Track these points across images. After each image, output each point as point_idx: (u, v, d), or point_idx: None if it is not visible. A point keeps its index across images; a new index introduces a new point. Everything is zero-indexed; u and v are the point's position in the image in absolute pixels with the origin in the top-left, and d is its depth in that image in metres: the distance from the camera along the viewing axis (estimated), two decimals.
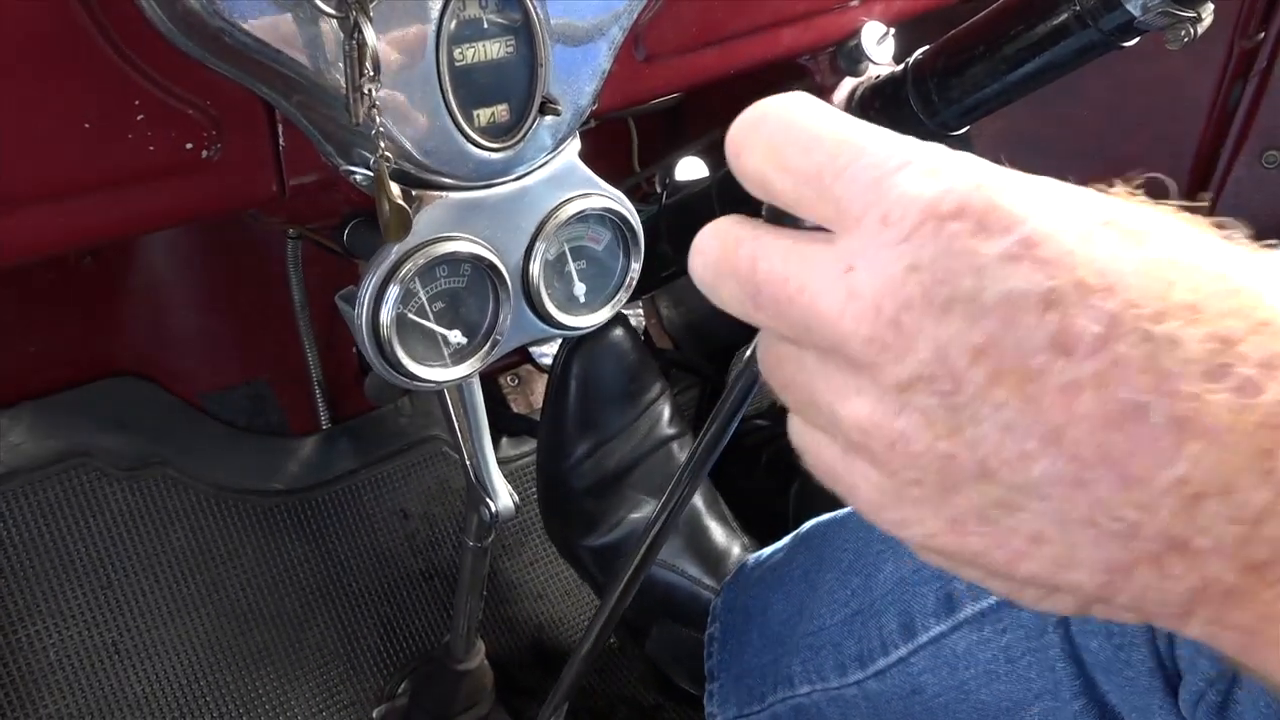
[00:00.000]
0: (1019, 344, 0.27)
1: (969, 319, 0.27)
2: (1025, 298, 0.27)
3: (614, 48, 0.60)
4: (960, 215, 0.28)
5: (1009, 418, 0.28)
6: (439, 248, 0.56)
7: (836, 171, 0.30)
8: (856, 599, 0.76)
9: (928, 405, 0.28)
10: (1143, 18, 0.62)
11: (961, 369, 0.28)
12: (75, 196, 0.50)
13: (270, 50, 0.48)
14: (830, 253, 0.30)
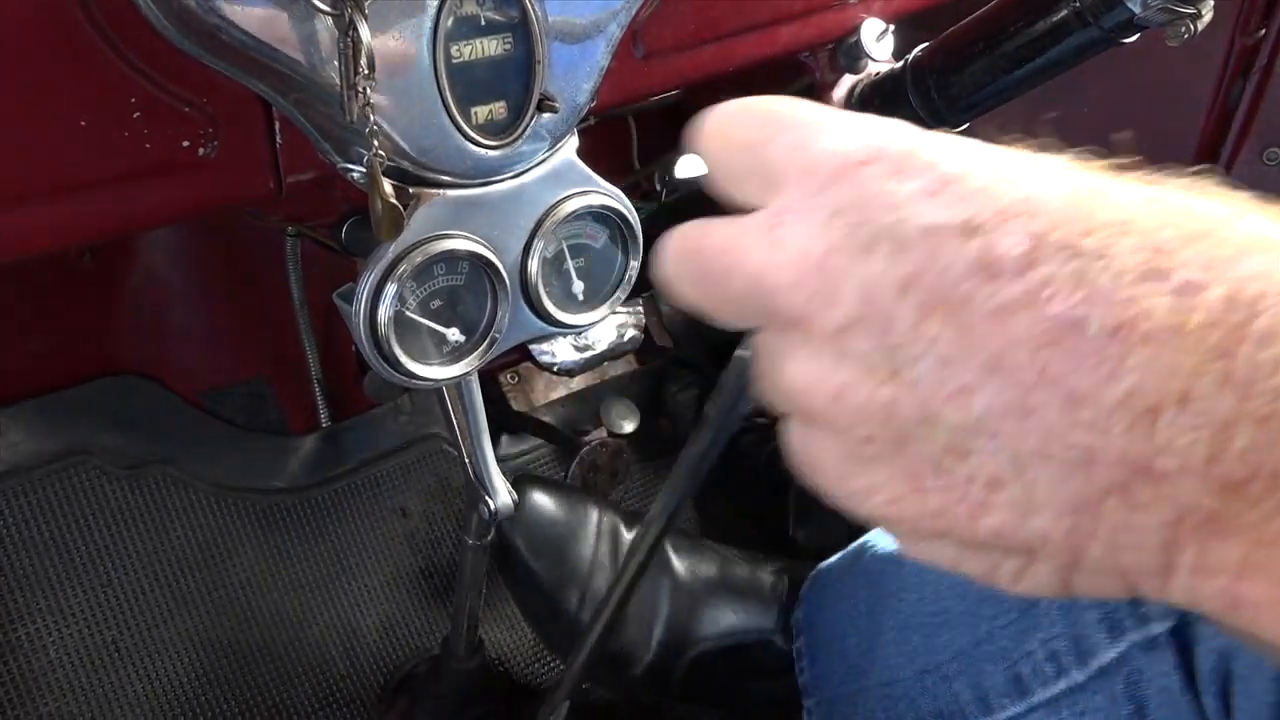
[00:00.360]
0: (944, 272, 0.27)
1: (892, 254, 0.27)
2: (946, 227, 0.27)
3: (612, 45, 0.60)
4: (877, 159, 0.28)
5: (944, 351, 0.27)
6: (436, 245, 0.56)
7: (765, 139, 0.31)
8: (921, 658, 0.74)
9: (864, 351, 0.28)
10: (1143, 14, 0.62)
11: (890, 306, 0.27)
12: (72, 194, 0.50)
13: (266, 47, 0.48)
14: (761, 215, 0.31)
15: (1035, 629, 0.65)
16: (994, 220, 0.27)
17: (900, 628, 0.77)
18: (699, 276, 0.32)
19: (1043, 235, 0.26)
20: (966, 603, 0.71)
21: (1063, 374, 0.26)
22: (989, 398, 0.27)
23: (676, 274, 0.34)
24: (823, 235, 0.28)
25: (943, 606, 0.73)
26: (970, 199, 0.27)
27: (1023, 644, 0.66)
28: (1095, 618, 0.61)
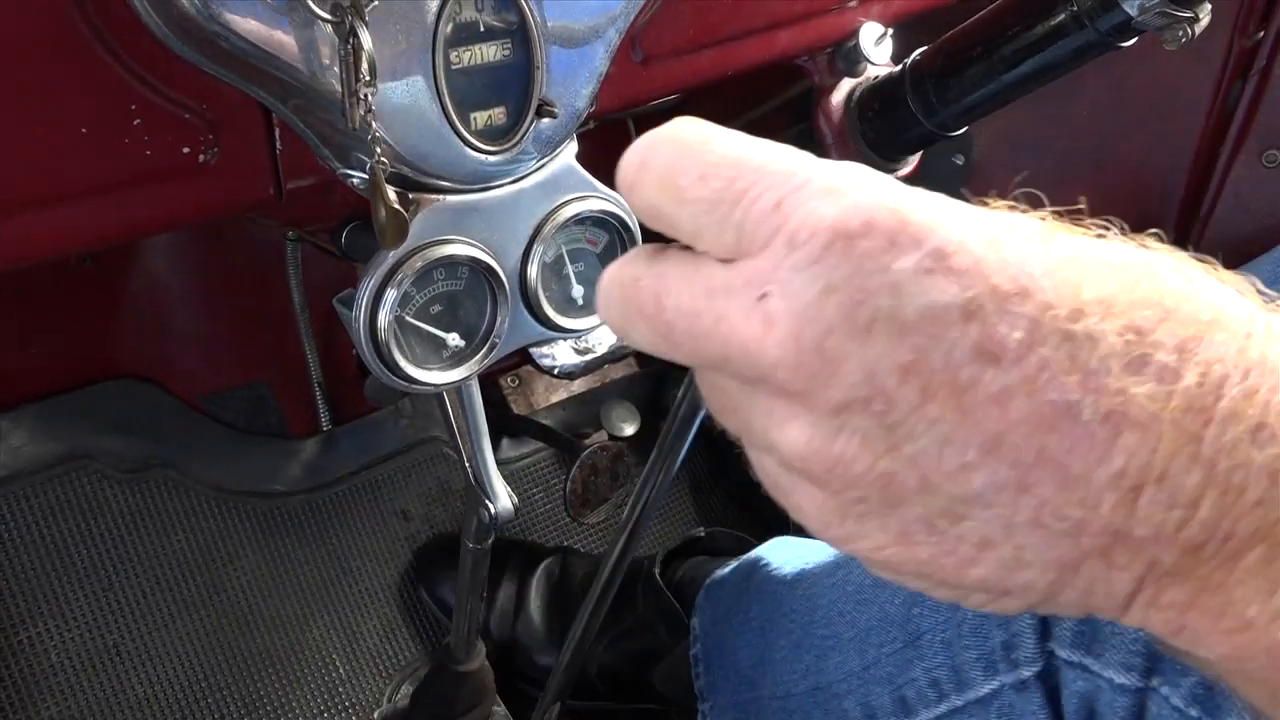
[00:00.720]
0: (946, 357, 0.27)
1: (893, 337, 0.28)
2: (946, 311, 0.27)
3: (611, 50, 0.60)
4: (869, 232, 0.28)
5: (945, 431, 0.28)
6: (436, 251, 0.56)
7: (735, 198, 0.29)
8: (813, 675, 0.78)
9: (863, 426, 0.28)
10: (1140, 18, 0.62)
11: (892, 388, 0.28)
12: (72, 201, 0.50)
13: (265, 54, 0.48)
14: (738, 280, 0.29)
15: (919, 659, 0.68)
16: (992, 303, 0.27)
17: (793, 646, 0.80)
18: (661, 337, 0.32)
19: (1038, 319, 0.27)
20: (856, 629, 0.74)
21: (1059, 455, 0.27)
22: (988, 475, 0.28)
23: (625, 329, 0.33)
24: (818, 314, 0.28)
25: (834, 631, 0.76)
26: (966, 276, 0.27)
27: (907, 671, 0.69)
28: (973, 657, 0.65)
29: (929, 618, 0.66)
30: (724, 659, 0.88)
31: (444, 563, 1.12)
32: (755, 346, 0.29)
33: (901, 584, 0.32)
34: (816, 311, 0.28)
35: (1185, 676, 0.51)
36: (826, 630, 0.77)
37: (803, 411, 0.29)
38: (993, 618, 0.61)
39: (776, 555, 0.88)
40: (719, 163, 0.30)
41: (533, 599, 1.10)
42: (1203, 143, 1.02)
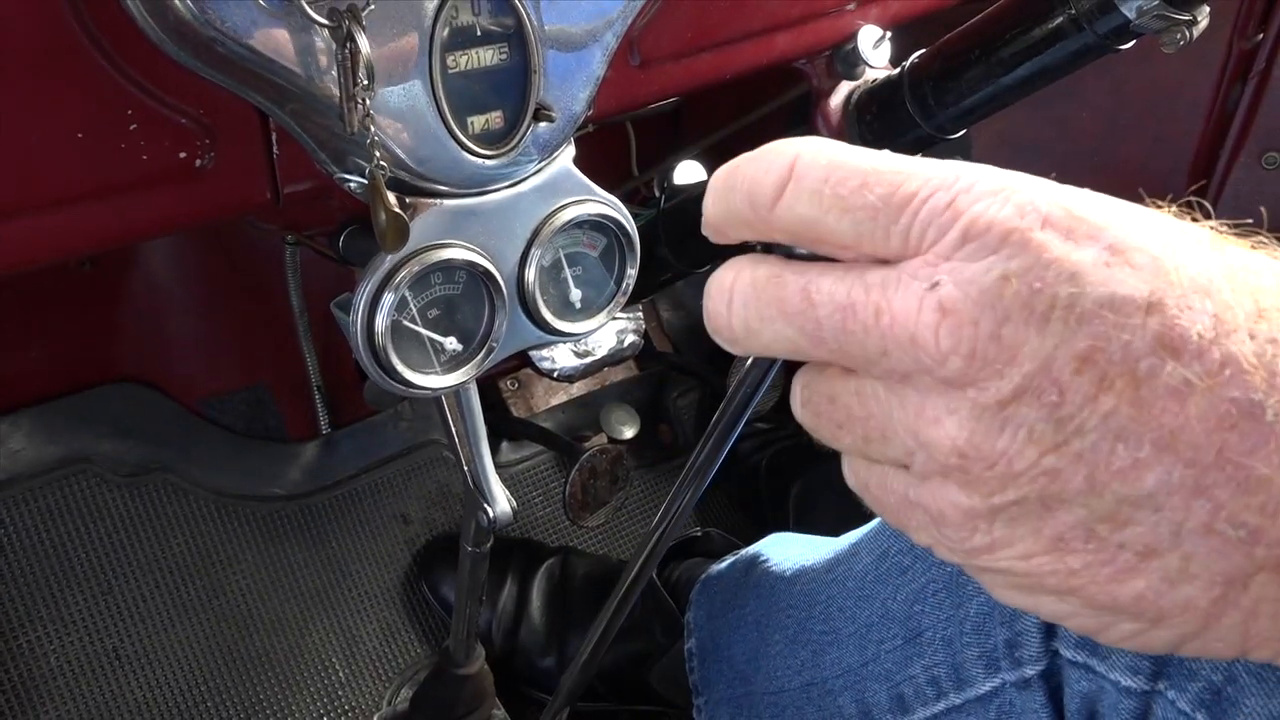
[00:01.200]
0: (1125, 348, 0.27)
1: (1071, 326, 0.27)
2: (1127, 301, 0.27)
3: (608, 54, 0.60)
4: (1045, 225, 0.27)
5: (1119, 425, 0.27)
6: (434, 255, 0.56)
7: (902, 201, 0.29)
8: (808, 671, 0.77)
9: (1031, 419, 0.27)
10: (1138, 21, 0.62)
11: (1066, 379, 0.27)
12: (68, 206, 0.50)
13: (262, 59, 0.48)
14: (904, 273, 0.28)
15: (919, 656, 0.68)
16: (1175, 297, 0.27)
17: (788, 641, 0.80)
18: (806, 333, 0.30)
19: (1221, 317, 0.27)
20: (856, 625, 0.73)
21: (1240, 455, 0.26)
22: (1161, 474, 0.27)
23: (757, 327, 0.31)
24: (995, 302, 0.27)
25: (832, 626, 0.76)
26: (1147, 271, 0.27)
27: (906, 668, 0.68)
28: (974, 655, 0.64)
29: (931, 615, 0.66)
30: (719, 654, 0.88)
31: (446, 561, 1.12)
32: (926, 335, 0.28)
33: (1034, 610, 0.30)
34: (994, 298, 0.27)
35: (1192, 681, 0.50)
36: (824, 626, 0.77)
37: (964, 405, 0.28)
38: (996, 615, 0.60)
39: (775, 551, 0.88)
40: (882, 170, 0.29)
41: (534, 599, 1.10)
42: (1202, 144, 1.02)
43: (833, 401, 0.32)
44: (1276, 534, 0.26)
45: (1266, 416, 0.26)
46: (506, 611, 1.09)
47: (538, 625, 1.09)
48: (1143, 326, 0.27)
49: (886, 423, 0.30)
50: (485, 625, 1.08)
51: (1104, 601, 0.29)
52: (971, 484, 0.29)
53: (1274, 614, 0.27)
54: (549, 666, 1.06)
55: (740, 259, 0.32)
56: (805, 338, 0.30)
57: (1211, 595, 0.27)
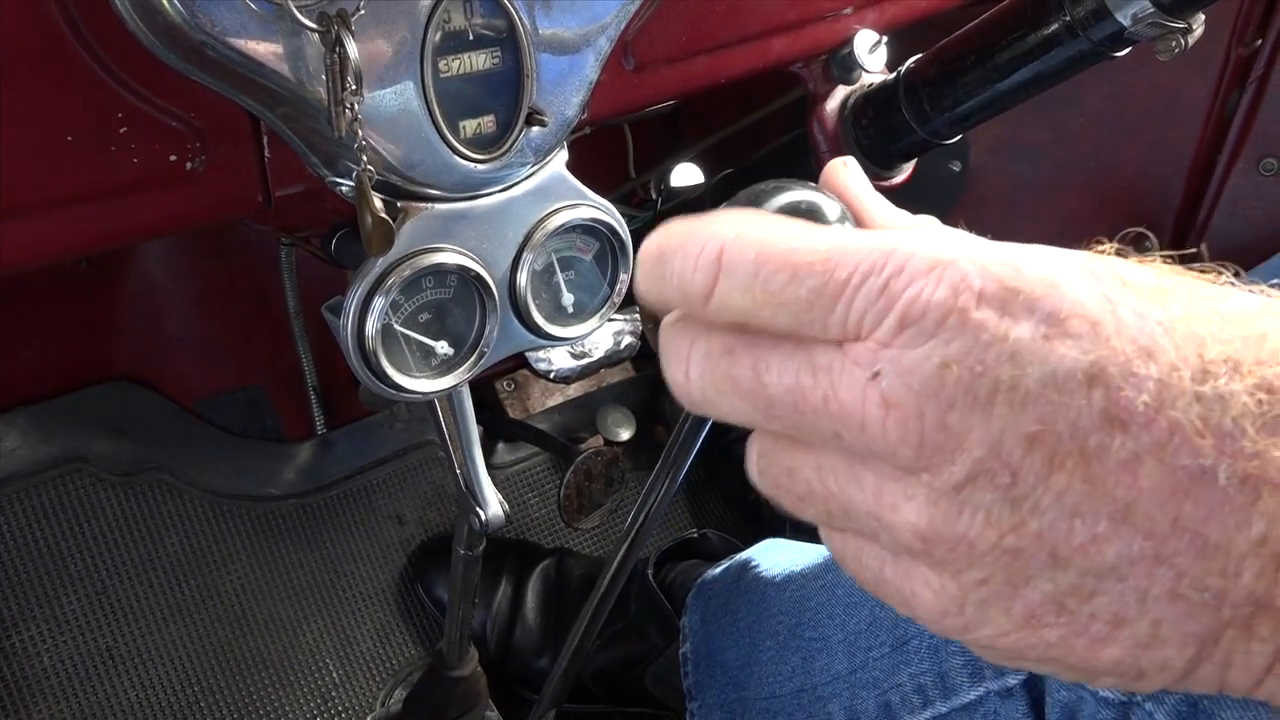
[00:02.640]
0: (1072, 425, 0.27)
1: (1015, 408, 0.27)
2: (1069, 378, 0.26)
3: (601, 59, 0.60)
4: (981, 302, 0.27)
5: (1074, 502, 0.27)
6: (425, 259, 0.56)
7: (835, 291, 0.28)
8: (799, 677, 0.78)
9: (987, 501, 0.27)
10: (1133, 28, 0.62)
11: (1017, 460, 0.27)
12: (59, 209, 0.50)
13: (252, 63, 0.48)
14: (846, 359, 0.28)
15: (906, 664, 0.68)
16: (1115, 367, 0.27)
17: (779, 648, 0.80)
18: (758, 410, 0.30)
19: (1164, 381, 0.26)
20: (845, 633, 0.74)
21: (1196, 522, 0.26)
22: (1121, 546, 0.27)
23: (713, 400, 0.31)
24: (938, 390, 0.27)
25: (821, 633, 0.76)
26: (1085, 340, 0.27)
27: (894, 676, 0.69)
28: (959, 663, 0.64)
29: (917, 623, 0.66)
30: (712, 659, 0.88)
31: (441, 562, 1.13)
32: (874, 427, 0.28)
33: (1025, 669, 0.30)
34: (936, 387, 0.27)
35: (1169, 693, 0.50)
36: (814, 632, 0.77)
37: (920, 490, 0.28)
38: None
39: (767, 557, 0.89)
40: (810, 258, 0.29)
41: (529, 600, 1.10)
42: (1200, 150, 1.02)
43: (791, 474, 0.31)
44: (1240, 593, 0.27)
45: (1219, 481, 0.26)
46: (501, 613, 1.09)
47: (532, 626, 1.09)
48: (1088, 403, 0.27)
49: (848, 504, 0.30)
50: (480, 626, 1.08)
51: (1085, 667, 0.29)
52: (938, 565, 0.29)
53: (1245, 664, 0.28)
54: (543, 668, 1.06)
55: (694, 327, 0.31)
56: (760, 414, 0.30)
57: (1186, 655, 0.28)
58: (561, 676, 0.70)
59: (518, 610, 1.10)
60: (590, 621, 0.63)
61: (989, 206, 1.13)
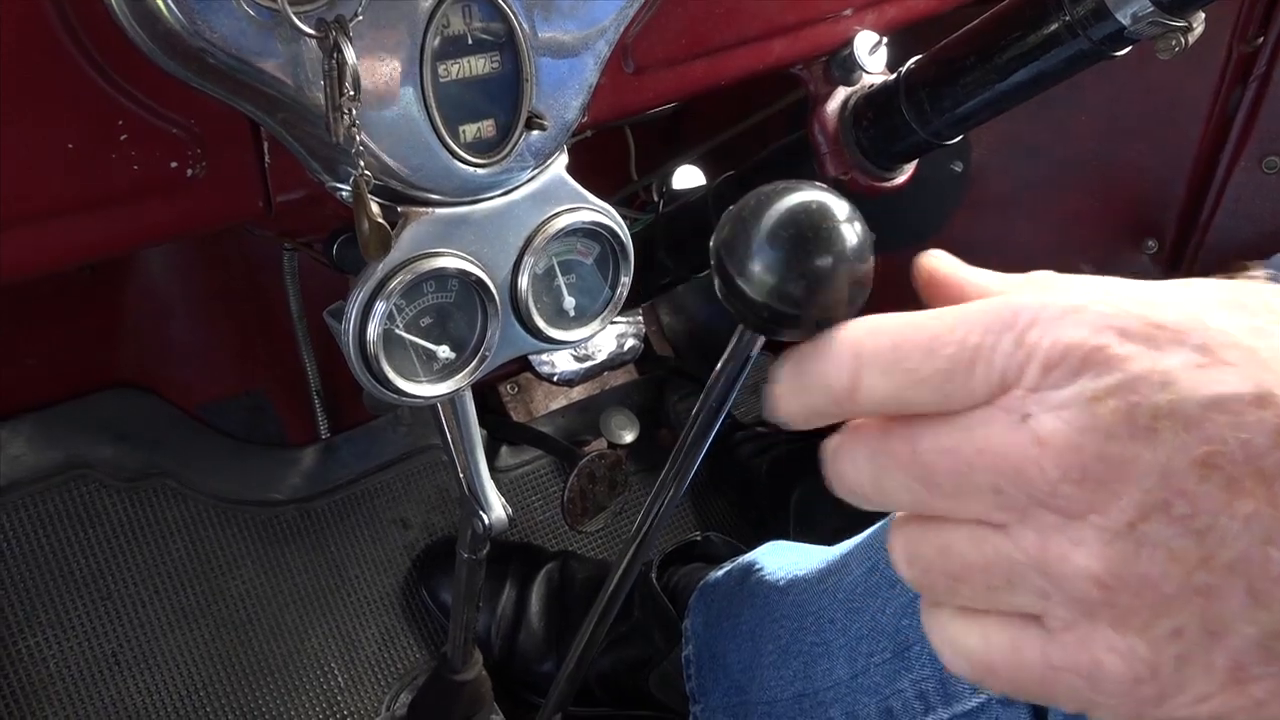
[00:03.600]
0: (1245, 447, 0.25)
1: (1180, 431, 0.26)
2: (1234, 399, 0.26)
3: (601, 62, 0.60)
4: (1124, 339, 0.26)
5: (1265, 529, 0.25)
6: (425, 264, 0.56)
7: (972, 359, 0.28)
8: (800, 682, 0.77)
9: (1167, 536, 0.26)
10: (1133, 28, 0.62)
11: (1192, 486, 0.25)
12: (60, 217, 0.50)
13: (251, 70, 0.48)
14: (995, 409, 0.28)
15: (907, 670, 0.67)
16: (1277, 386, 0.26)
17: (781, 652, 0.79)
18: (920, 481, 0.30)
19: None
20: (848, 638, 0.73)
21: None
22: None
23: (880, 484, 0.31)
24: (1093, 421, 0.26)
25: (823, 638, 0.75)
26: (1245, 366, 0.26)
27: (895, 682, 0.68)
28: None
29: (919, 628, 0.65)
30: (715, 662, 0.88)
31: (445, 565, 1.13)
32: (1032, 469, 0.27)
33: None
34: (1091, 419, 0.26)
35: None
36: (816, 637, 0.77)
37: (1090, 533, 0.26)
38: None
39: (770, 559, 0.88)
40: (940, 331, 0.29)
41: (533, 604, 1.10)
42: (1202, 149, 1.02)
43: (945, 553, 0.30)
44: None
45: None
46: (505, 616, 1.09)
47: (536, 630, 1.09)
48: (1258, 421, 0.25)
49: (1010, 568, 0.28)
50: (484, 630, 1.08)
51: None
52: (1123, 619, 0.27)
53: None
54: (548, 671, 1.06)
55: (854, 428, 0.32)
56: (921, 486, 0.30)
57: None
58: (566, 680, 0.70)
59: (522, 614, 1.10)
60: (595, 626, 0.63)
61: (991, 206, 1.13)
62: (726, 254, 0.37)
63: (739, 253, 0.36)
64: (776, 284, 0.35)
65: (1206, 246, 1.05)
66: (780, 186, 0.37)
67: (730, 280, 0.37)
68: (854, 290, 0.36)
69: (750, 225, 0.36)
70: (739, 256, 0.36)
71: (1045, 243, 1.11)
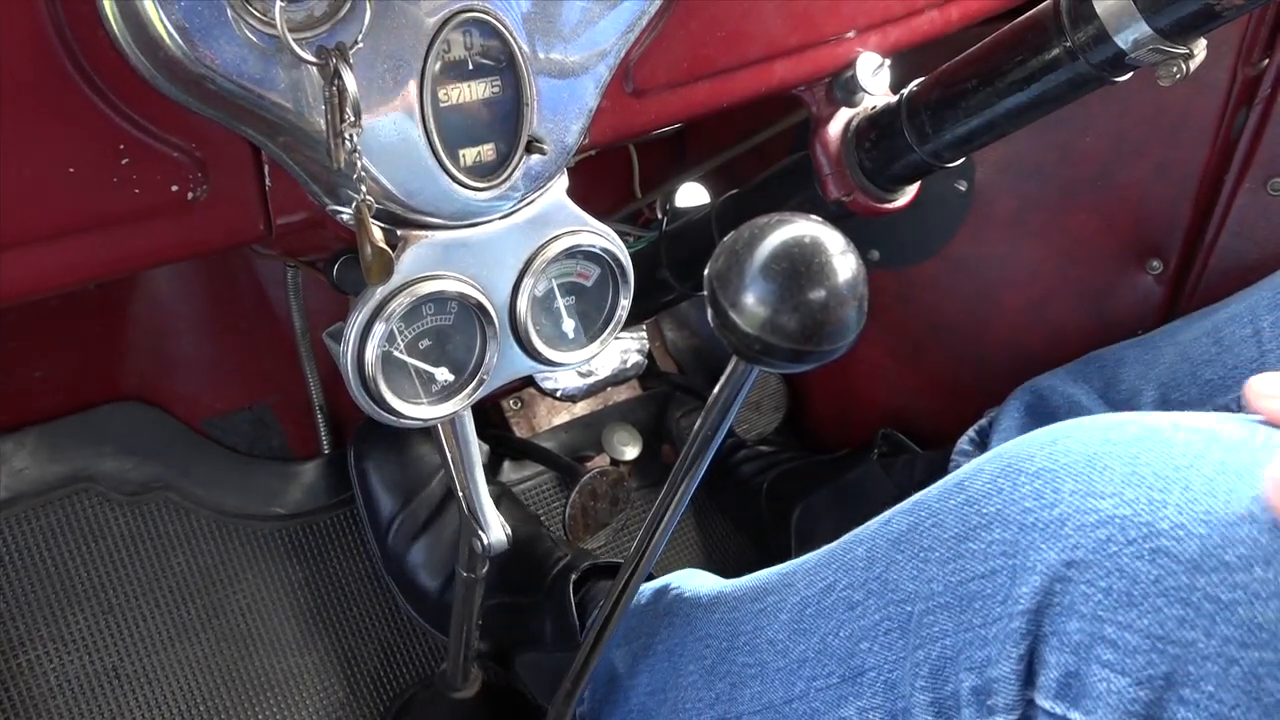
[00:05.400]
0: None
1: None
2: None
3: (601, 86, 0.60)
4: None
5: None
6: (424, 286, 0.56)
7: None
8: (721, 705, 0.74)
9: None
10: (1134, 54, 0.62)
11: None
12: (61, 240, 0.50)
13: (253, 96, 0.48)
14: None
15: (855, 696, 0.64)
16: None
17: (704, 672, 0.76)
18: None
19: None
20: (787, 660, 0.69)
21: None
22: None
23: None
24: None
25: (758, 659, 0.72)
26: None
27: (839, 708, 0.65)
28: (924, 700, 0.59)
29: (877, 655, 0.63)
30: (616, 684, 0.84)
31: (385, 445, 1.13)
32: None
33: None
34: None
35: None
36: (749, 658, 0.73)
37: None
38: (963, 660, 0.57)
39: (688, 581, 0.85)
40: None
41: None
42: (1206, 171, 1.01)
43: None
44: None
45: None
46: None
47: None
48: None
49: None
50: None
51: None
52: None
53: None
54: None
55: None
56: None
57: None
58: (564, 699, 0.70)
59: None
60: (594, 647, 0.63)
61: (995, 226, 1.13)
62: (720, 286, 0.37)
63: (732, 285, 0.36)
64: (770, 317, 0.35)
65: (1210, 268, 1.05)
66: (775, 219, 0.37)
67: (723, 312, 0.37)
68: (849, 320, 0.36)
69: (744, 257, 0.36)
70: (732, 289, 0.36)
71: (1049, 262, 1.11)
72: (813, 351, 0.35)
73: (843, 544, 0.69)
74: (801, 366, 0.36)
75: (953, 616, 0.57)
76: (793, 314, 0.34)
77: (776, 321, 0.35)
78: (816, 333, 0.34)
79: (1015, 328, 1.14)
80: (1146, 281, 1.08)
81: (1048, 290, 1.12)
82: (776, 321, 0.35)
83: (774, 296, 0.35)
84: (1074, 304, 1.11)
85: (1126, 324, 1.09)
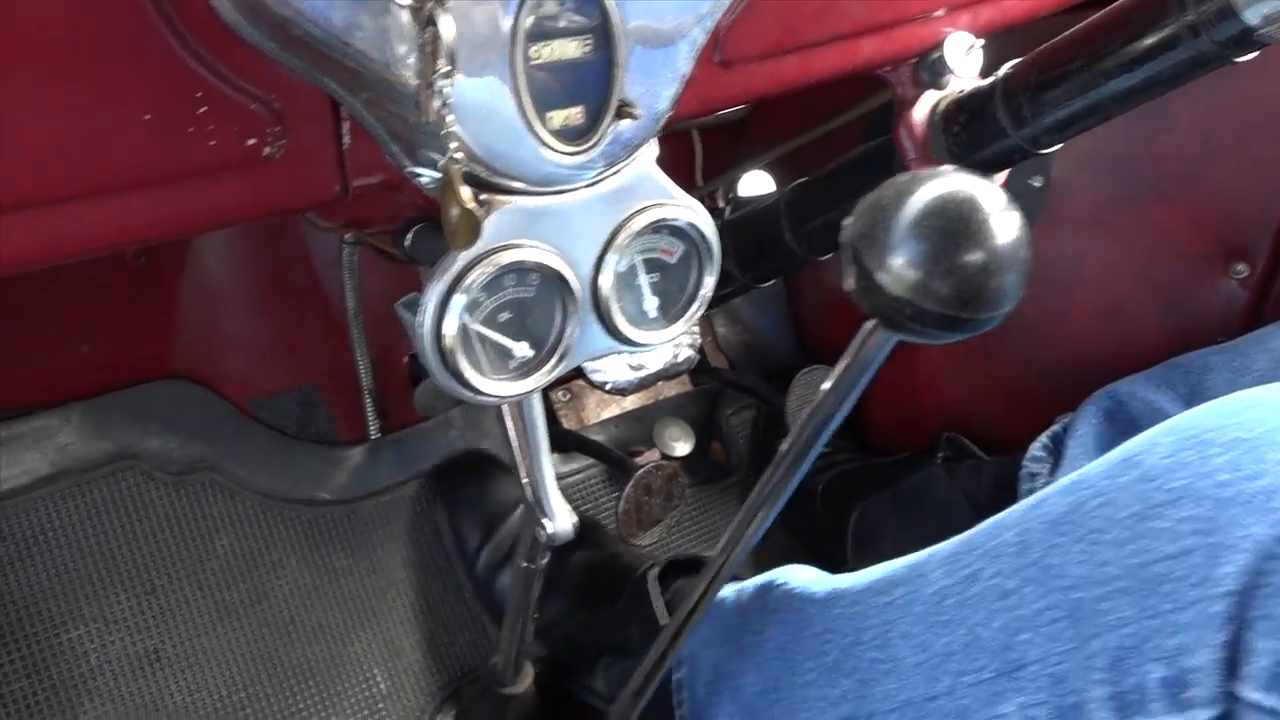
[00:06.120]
0: None
1: None
2: None
3: (695, 50, 0.57)
4: None
5: None
6: (507, 255, 0.53)
7: None
8: (849, 704, 0.69)
9: None
10: (1264, 30, 0.58)
11: None
12: (133, 192, 0.48)
13: (338, 42, 0.45)
14: None
15: (1015, 692, 0.59)
16: None
17: (825, 670, 0.71)
18: None
19: None
20: (927, 654, 0.65)
21: None
22: None
23: None
24: None
25: (890, 654, 0.67)
26: None
27: (996, 704, 0.60)
28: (1102, 695, 0.55)
29: (1040, 647, 0.58)
30: (721, 684, 0.80)
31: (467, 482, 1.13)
32: None
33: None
34: None
35: None
36: (879, 653, 0.69)
37: None
38: (1149, 649, 0.52)
39: (795, 576, 0.80)
40: None
41: None
42: None
43: None
44: None
45: None
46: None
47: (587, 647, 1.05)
48: None
49: None
50: None
51: None
52: None
53: None
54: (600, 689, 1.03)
55: None
56: None
57: None
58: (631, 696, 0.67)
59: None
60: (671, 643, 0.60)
61: (1071, 224, 1.08)
62: (864, 246, 0.34)
63: (878, 245, 0.33)
64: (921, 280, 0.32)
65: None
66: (922, 173, 0.34)
67: (868, 275, 0.33)
68: (1009, 288, 0.32)
69: (890, 215, 0.33)
70: (878, 249, 0.33)
71: (1127, 262, 1.07)
72: (968, 320, 0.32)
73: (982, 531, 0.64)
74: (952, 336, 0.33)
75: (1135, 602, 0.52)
76: (946, 278, 0.31)
77: (929, 285, 0.31)
78: (975, 299, 0.31)
79: (1087, 330, 1.10)
80: (1230, 286, 1.03)
81: (1124, 292, 1.07)
82: (929, 285, 0.31)
83: (926, 258, 0.31)
84: (1151, 307, 1.07)
85: (1207, 330, 1.04)
